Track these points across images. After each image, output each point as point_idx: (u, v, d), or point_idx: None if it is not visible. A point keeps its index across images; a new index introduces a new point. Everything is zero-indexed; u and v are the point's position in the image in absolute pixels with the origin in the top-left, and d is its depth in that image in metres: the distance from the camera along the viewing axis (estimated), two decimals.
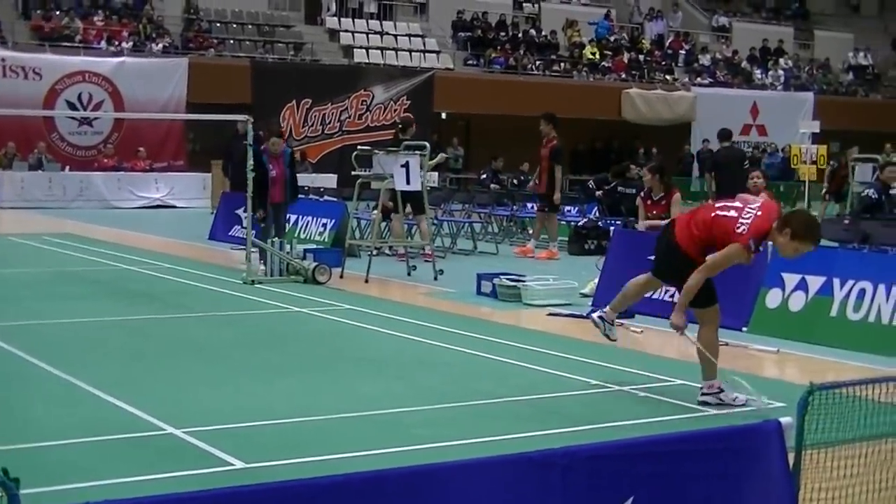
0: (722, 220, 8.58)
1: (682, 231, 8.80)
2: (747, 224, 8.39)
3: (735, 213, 8.55)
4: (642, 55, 45.16)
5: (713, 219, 8.64)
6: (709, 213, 8.75)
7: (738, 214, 8.51)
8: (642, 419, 8.21)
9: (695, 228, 8.72)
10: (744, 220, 8.44)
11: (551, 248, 19.81)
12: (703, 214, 8.80)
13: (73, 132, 33.14)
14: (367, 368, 10.10)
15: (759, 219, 8.40)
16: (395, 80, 37.36)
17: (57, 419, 7.93)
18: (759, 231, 8.37)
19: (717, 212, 8.69)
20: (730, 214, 8.56)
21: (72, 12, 35.35)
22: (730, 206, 8.70)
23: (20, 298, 14.05)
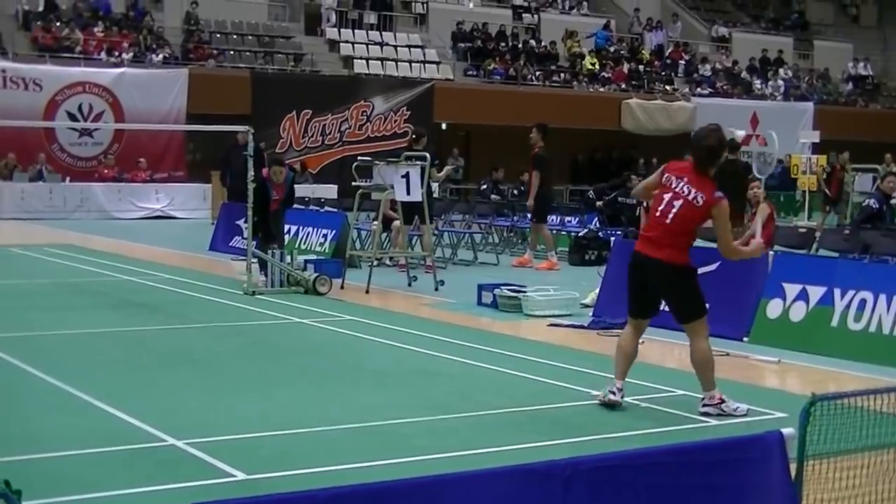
0: (682, 213, 8.70)
1: (667, 249, 8.78)
2: (700, 191, 8.66)
3: (680, 199, 8.70)
4: (642, 65, 45.20)
5: (677, 219, 8.72)
6: (666, 220, 8.75)
7: (685, 194, 8.69)
8: (644, 430, 8.21)
9: (673, 237, 8.77)
10: (694, 192, 8.68)
11: (550, 259, 19.81)
12: (669, 224, 8.75)
13: (73, 143, 33.15)
14: (368, 379, 10.09)
15: (697, 181, 8.71)
16: (395, 90, 37.38)
17: (58, 430, 7.93)
18: (710, 185, 8.74)
19: (670, 214, 8.73)
20: (680, 202, 8.70)
21: (72, 23, 35.36)
22: (670, 200, 8.74)
23: (21, 309, 14.04)
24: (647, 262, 8.88)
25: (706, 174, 8.82)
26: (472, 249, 20.98)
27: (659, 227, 8.80)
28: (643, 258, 8.90)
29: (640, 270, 8.96)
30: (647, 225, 8.89)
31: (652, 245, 8.85)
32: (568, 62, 43.88)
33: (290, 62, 37.98)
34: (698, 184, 8.74)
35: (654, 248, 8.81)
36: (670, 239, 8.77)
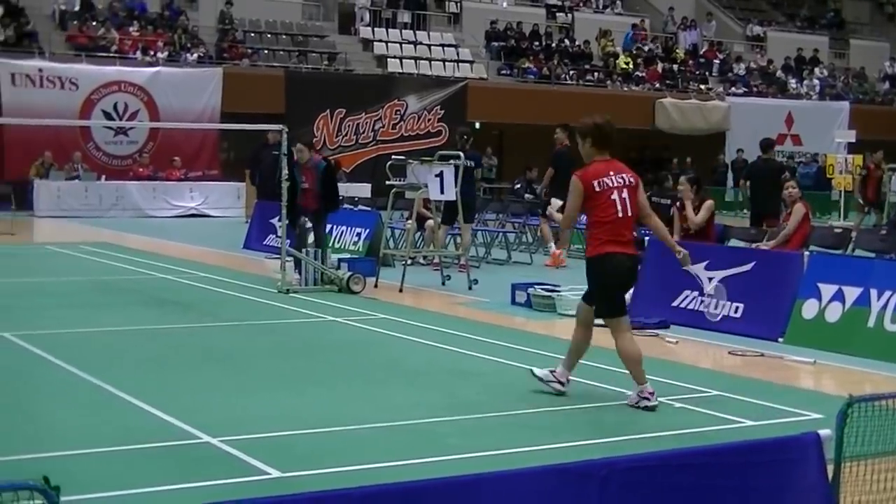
0: (632, 200, 8.95)
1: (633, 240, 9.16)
2: (626, 173, 9.03)
3: (624, 189, 8.92)
4: (676, 65, 45.05)
5: (633, 208, 8.96)
6: (629, 215, 8.94)
7: (624, 183, 8.94)
8: (678, 430, 8.18)
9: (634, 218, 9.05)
10: (625, 176, 9.00)
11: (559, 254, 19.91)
12: (631, 217, 8.98)
13: (108, 142, 33.35)
14: (401, 378, 10.10)
15: (619, 166, 9.06)
16: (428, 89, 37.41)
17: (94, 427, 7.97)
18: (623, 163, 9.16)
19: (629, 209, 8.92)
20: (626, 192, 8.92)
21: (108, 23, 35.57)
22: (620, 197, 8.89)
23: (57, 307, 14.14)
24: (634, 262, 9.22)
25: (614, 155, 9.17)
26: (506, 248, 20.95)
27: (626, 225, 8.97)
28: (636, 260, 9.23)
29: (630, 273, 9.22)
30: (615, 232, 8.91)
31: (632, 246, 9.12)
32: (602, 61, 43.79)
33: (324, 61, 38.07)
34: (621, 168, 9.06)
35: (629, 246, 9.05)
36: (632, 229, 9.14)
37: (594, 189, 8.88)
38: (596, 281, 9.06)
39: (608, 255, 8.92)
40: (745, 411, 8.79)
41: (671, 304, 13.48)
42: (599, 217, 8.91)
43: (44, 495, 3.46)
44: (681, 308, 13.43)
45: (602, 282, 9.02)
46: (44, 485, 3.46)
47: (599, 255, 8.96)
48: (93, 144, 33.01)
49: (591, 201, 8.91)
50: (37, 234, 26.20)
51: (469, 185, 18.02)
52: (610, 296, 9.08)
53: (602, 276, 8.98)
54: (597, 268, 9.00)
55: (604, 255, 8.93)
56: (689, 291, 13.40)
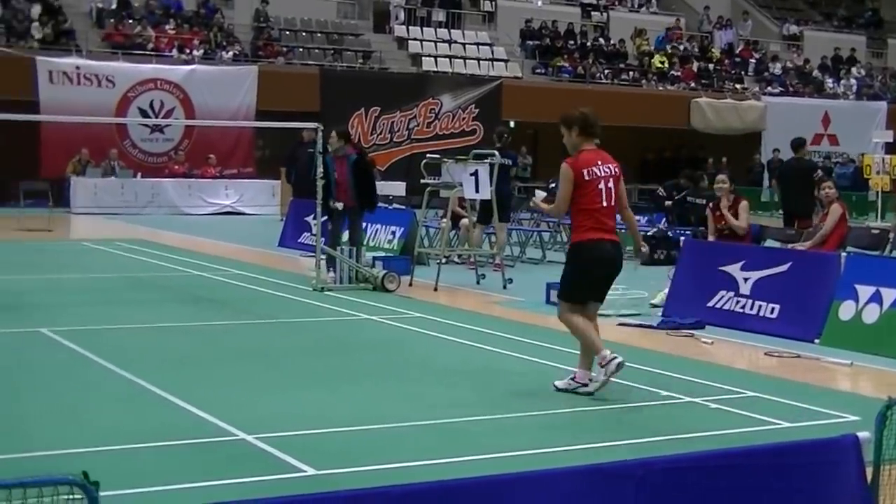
0: (617, 189, 9.28)
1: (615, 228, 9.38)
2: (611, 163, 9.31)
3: (610, 179, 9.19)
4: (712, 64, 44.87)
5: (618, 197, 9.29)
6: (612, 204, 9.22)
7: (609, 173, 9.20)
8: (713, 431, 8.13)
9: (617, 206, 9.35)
10: (611, 166, 9.27)
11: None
12: (614, 206, 9.26)
13: (144, 139, 33.52)
14: (436, 376, 10.10)
15: (605, 156, 9.33)
16: (463, 88, 37.42)
17: (130, 423, 8.01)
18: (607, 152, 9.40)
19: (612, 198, 9.21)
20: (612, 181, 9.20)
21: (144, 21, 35.75)
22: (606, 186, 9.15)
23: (93, 303, 14.23)
24: (617, 251, 9.33)
25: (600, 145, 9.45)
26: (541, 248, 20.93)
27: (610, 213, 9.24)
28: (618, 247, 9.33)
29: (609, 263, 9.31)
30: (599, 219, 9.17)
31: (611, 232, 9.27)
32: (637, 60, 43.67)
33: (359, 60, 38.13)
34: (608, 158, 9.32)
35: (612, 233, 9.27)
36: (615, 218, 9.39)
37: (583, 178, 9.13)
38: (577, 265, 9.35)
39: (596, 242, 9.17)
40: (781, 413, 8.74)
41: (706, 305, 13.43)
42: (585, 205, 9.15)
43: (83, 490, 3.48)
44: (716, 308, 13.38)
45: (584, 267, 9.30)
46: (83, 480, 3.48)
47: (586, 241, 9.22)
48: (129, 142, 33.19)
49: (580, 189, 9.14)
50: (73, 231, 26.38)
51: (505, 184, 18.01)
52: (581, 281, 9.36)
53: (587, 261, 9.27)
54: (584, 253, 9.26)
55: (591, 241, 9.18)
56: (724, 292, 13.34)
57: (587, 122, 9.36)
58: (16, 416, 8.16)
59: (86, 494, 3.49)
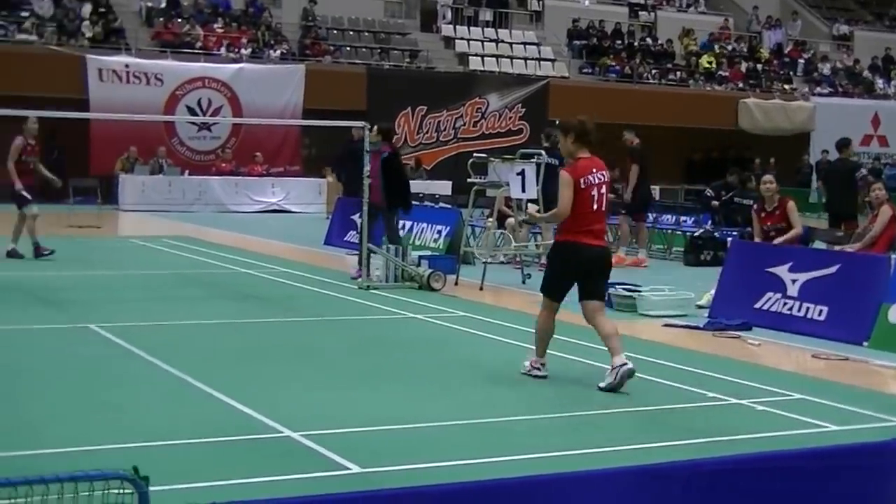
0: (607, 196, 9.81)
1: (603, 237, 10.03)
2: (603, 170, 9.78)
3: (602, 185, 9.67)
4: (760, 64, 44.58)
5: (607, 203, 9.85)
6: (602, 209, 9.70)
7: (602, 180, 9.67)
8: (760, 433, 8.08)
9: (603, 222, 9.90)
10: (604, 173, 9.75)
11: (639, 255, 19.97)
12: (604, 211, 9.80)
13: (192, 137, 33.73)
14: (481, 376, 10.10)
15: (599, 164, 9.80)
16: (509, 87, 37.40)
17: (175, 418, 8.07)
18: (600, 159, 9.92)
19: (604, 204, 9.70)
20: (603, 188, 9.68)
21: (193, 20, 35.96)
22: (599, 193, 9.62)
23: (140, 300, 14.34)
24: (605, 253, 9.86)
25: (596, 152, 9.91)
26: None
27: (602, 217, 9.77)
28: (601, 250, 9.77)
29: (596, 262, 9.67)
30: (588, 223, 9.58)
31: (601, 237, 9.87)
32: (684, 60, 43.47)
33: (406, 59, 38.18)
34: (601, 165, 9.79)
35: (600, 238, 9.78)
36: (603, 222, 9.93)
37: (580, 185, 9.56)
38: (559, 264, 9.84)
39: (570, 244, 9.63)
40: (828, 415, 8.68)
41: (753, 306, 13.35)
42: (579, 210, 9.56)
43: (133, 485, 3.52)
44: (763, 310, 13.30)
45: (561, 266, 9.79)
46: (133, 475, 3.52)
47: (564, 242, 9.71)
48: (177, 140, 33.42)
49: (576, 196, 9.56)
50: (121, 228, 26.59)
51: (552, 184, 17.93)
52: (556, 279, 9.81)
53: (564, 262, 9.73)
54: (562, 254, 9.75)
55: (569, 242, 9.64)
56: (771, 293, 13.26)
57: (583, 130, 9.80)
58: (65, 411, 8.24)
59: (136, 489, 3.53)
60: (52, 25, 33.53)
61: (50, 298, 14.10)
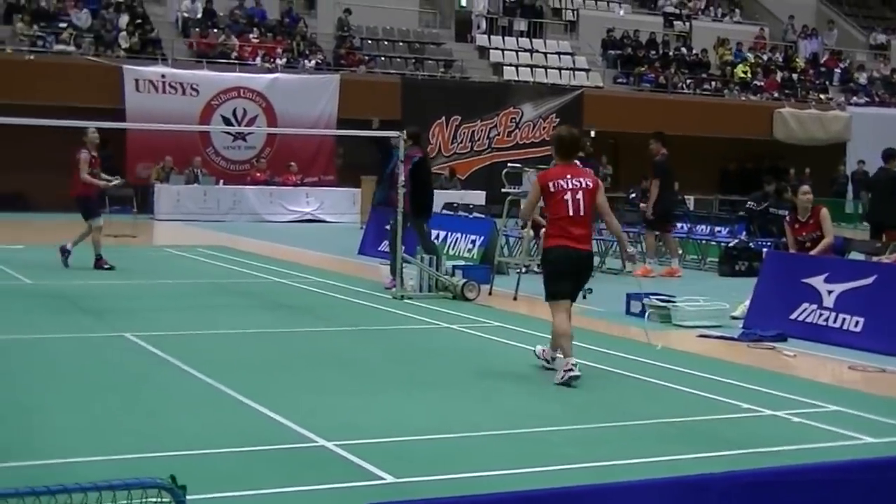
0: (587, 201, 10.17)
1: (589, 242, 10.51)
2: (584, 177, 10.29)
3: (579, 191, 10.11)
4: (796, 74, 44.38)
5: (587, 208, 10.18)
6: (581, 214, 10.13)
7: (580, 186, 10.13)
8: (796, 445, 8.03)
9: (590, 227, 10.49)
10: (583, 179, 10.22)
11: (672, 265, 19.84)
12: (586, 216, 10.20)
13: (227, 147, 33.89)
14: (515, 386, 10.09)
15: (577, 171, 10.40)
16: (544, 97, 37.39)
17: (211, 428, 8.09)
18: (585, 170, 10.75)
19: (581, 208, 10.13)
20: (581, 193, 10.11)
21: (228, 30, 36.14)
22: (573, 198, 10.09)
23: (175, 309, 14.41)
24: (586, 257, 10.38)
25: (575, 163, 10.59)
26: (621, 258, 20.84)
27: (583, 222, 10.21)
28: (582, 253, 10.25)
29: (575, 262, 10.20)
30: (565, 228, 10.13)
31: (583, 241, 10.26)
32: (719, 70, 43.34)
33: (440, 68, 38.23)
34: (578, 172, 10.36)
35: (580, 243, 10.21)
36: (588, 228, 10.37)
37: (549, 189, 10.18)
38: (545, 268, 10.47)
39: (555, 248, 10.21)
40: (865, 428, 8.62)
41: (789, 317, 13.27)
42: (553, 215, 10.25)
43: (170, 494, 3.53)
44: (799, 321, 13.22)
45: (547, 269, 10.39)
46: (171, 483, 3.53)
47: (549, 247, 10.34)
48: (212, 149, 33.58)
49: (547, 200, 10.24)
50: (157, 237, 26.72)
51: None
52: (553, 280, 10.32)
53: (548, 264, 10.35)
54: (548, 257, 10.38)
55: (551, 247, 10.28)
56: (807, 304, 13.18)
57: (560, 143, 10.50)
58: (100, 419, 8.27)
59: (173, 498, 3.54)
60: (90, 36, 33.79)
61: (86, 307, 14.19)
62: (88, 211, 18.04)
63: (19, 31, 32.95)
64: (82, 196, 18.03)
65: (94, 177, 18.00)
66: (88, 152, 17.92)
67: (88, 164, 17.86)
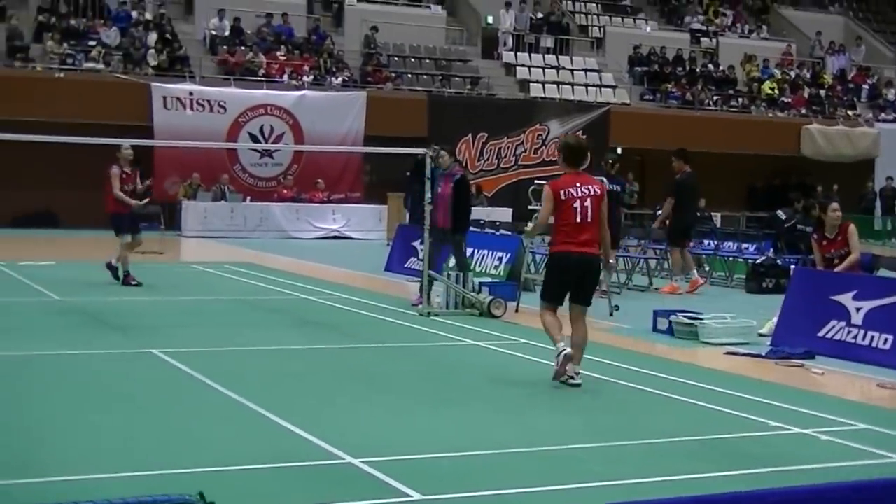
0: (595, 207, 10.56)
1: (596, 245, 10.68)
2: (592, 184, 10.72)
3: (588, 198, 10.53)
4: (823, 90, 44.25)
5: (596, 213, 10.56)
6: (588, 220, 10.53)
7: (589, 193, 10.55)
8: (824, 464, 8.01)
9: (597, 233, 10.65)
10: (591, 187, 10.64)
11: (684, 280, 19.82)
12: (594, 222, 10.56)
13: (254, 164, 34.01)
14: (542, 403, 10.08)
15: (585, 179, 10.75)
16: (570, 114, 37.39)
17: (238, 444, 8.11)
18: (592, 177, 11.06)
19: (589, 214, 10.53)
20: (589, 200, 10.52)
21: (256, 47, 36.30)
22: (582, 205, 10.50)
23: (202, 325, 14.46)
24: (592, 259, 10.65)
25: (583, 171, 10.86)
26: (647, 275, 20.82)
27: (590, 228, 10.56)
28: (588, 256, 10.58)
29: (578, 268, 10.59)
30: (572, 234, 10.52)
31: (590, 245, 10.58)
32: (746, 86, 43.25)
33: (467, 86, 38.29)
34: (587, 180, 10.70)
35: (587, 246, 10.55)
36: (595, 233, 10.62)
37: (560, 197, 10.52)
38: (549, 272, 11.08)
39: (558, 254, 10.68)
40: (894, 446, 8.56)
41: (817, 335, 13.21)
42: (561, 221, 10.58)
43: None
44: (827, 338, 13.16)
45: (552, 273, 10.89)
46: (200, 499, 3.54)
47: (555, 253, 10.75)
48: (239, 166, 33.71)
49: (557, 208, 10.55)
50: (184, 254, 26.84)
51: (615, 210, 17.99)
52: (551, 285, 10.83)
53: (554, 269, 10.84)
54: (553, 262, 10.87)
55: (559, 252, 10.66)
56: (835, 321, 13.12)
57: (567, 151, 10.87)
58: (127, 435, 8.30)
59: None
60: (119, 54, 34.00)
61: (114, 323, 14.26)
62: (118, 228, 18.13)
63: (49, 49, 33.20)
64: (114, 213, 18.12)
65: (126, 193, 18.05)
66: (120, 168, 18.00)
67: (120, 179, 17.93)
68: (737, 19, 47.45)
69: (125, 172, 18.06)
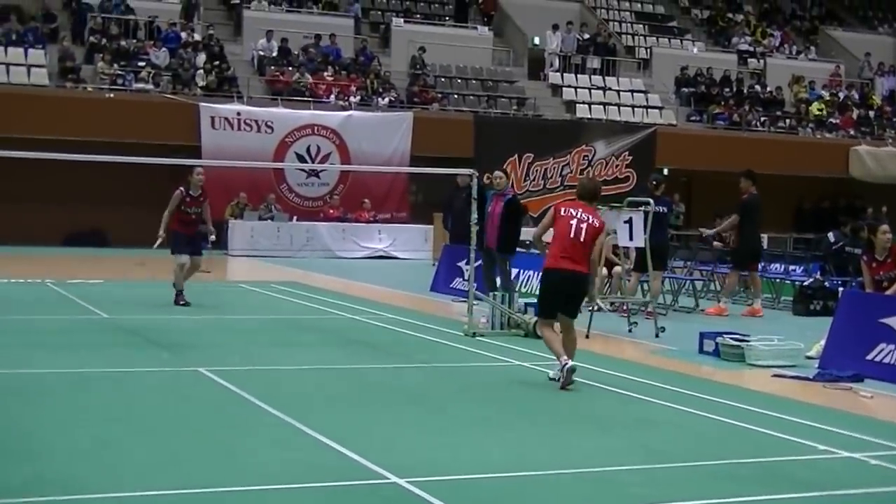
0: (588, 232, 11.59)
1: (583, 263, 11.56)
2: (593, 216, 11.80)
3: (584, 223, 11.60)
4: (872, 111, 43.94)
5: (588, 237, 11.55)
6: (580, 240, 11.54)
7: (586, 220, 11.62)
8: (874, 488, 7.91)
9: (585, 253, 11.57)
10: (591, 217, 11.70)
11: (754, 305, 19.68)
12: (583, 243, 11.56)
13: (301, 184, 34.16)
14: (587, 424, 10.05)
15: (590, 210, 11.84)
16: (617, 135, 37.32)
17: (283, 463, 8.12)
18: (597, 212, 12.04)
19: (581, 235, 11.55)
20: (584, 225, 11.59)
21: (303, 68, 36.50)
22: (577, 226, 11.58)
23: (248, 344, 14.51)
24: (574, 275, 11.56)
25: (592, 205, 11.95)
26: (694, 296, 20.72)
27: (576, 246, 11.52)
28: (570, 273, 11.53)
29: (566, 283, 11.61)
30: (564, 247, 11.54)
31: (574, 262, 11.52)
32: (794, 108, 43.01)
33: (513, 106, 38.33)
34: (591, 212, 11.77)
35: (576, 263, 11.52)
36: (584, 254, 11.54)
37: (560, 213, 11.71)
38: (543, 287, 11.96)
39: (549, 270, 11.72)
40: None
41: (865, 357, 13.10)
42: (556, 233, 11.64)
43: None
44: (876, 361, 13.04)
45: (543, 288, 11.96)
46: None
47: (546, 268, 11.77)
48: (286, 186, 33.87)
49: (555, 222, 11.68)
50: (231, 273, 26.96)
51: (661, 232, 17.96)
52: (541, 300, 11.96)
53: (543, 283, 11.92)
54: (543, 276, 11.90)
55: (549, 268, 11.71)
56: (884, 345, 13.00)
57: (581, 189, 12.21)
58: (173, 453, 8.34)
59: None
60: (168, 75, 34.30)
61: (161, 341, 14.34)
62: (173, 246, 18.14)
63: (100, 70, 33.53)
64: (173, 231, 18.12)
65: (185, 216, 18.03)
66: (183, 192, 18.02)
67: (178, 201, 17.96)
68: (784, 40, 47.23)
69: (189, 195, 18.07)
